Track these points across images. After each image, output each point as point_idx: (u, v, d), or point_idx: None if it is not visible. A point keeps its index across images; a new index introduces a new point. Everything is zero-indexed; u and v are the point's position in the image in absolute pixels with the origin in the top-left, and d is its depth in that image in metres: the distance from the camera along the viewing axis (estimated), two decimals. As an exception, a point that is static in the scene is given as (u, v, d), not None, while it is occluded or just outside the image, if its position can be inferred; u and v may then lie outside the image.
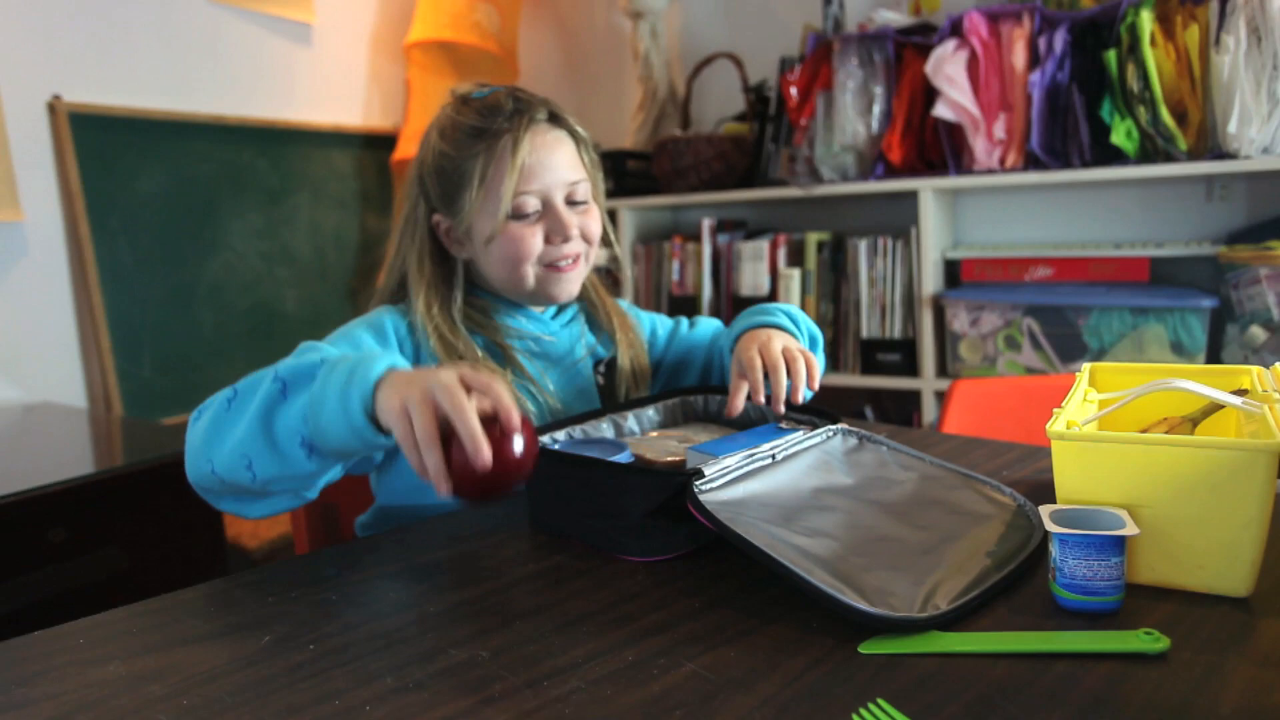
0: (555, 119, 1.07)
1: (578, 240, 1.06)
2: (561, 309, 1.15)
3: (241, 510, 0.86)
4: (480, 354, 1.04)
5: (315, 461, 0.78)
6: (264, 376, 0.81)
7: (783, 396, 0.93)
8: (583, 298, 1.18)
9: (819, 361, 1.06)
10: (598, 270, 1.26)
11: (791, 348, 0.96)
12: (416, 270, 1.06)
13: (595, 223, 1.08)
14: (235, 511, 0.87)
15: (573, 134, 1.08)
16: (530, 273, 1.05)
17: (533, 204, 1.03)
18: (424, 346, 1.03)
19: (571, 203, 1.06)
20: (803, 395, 0.95)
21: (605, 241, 1.15)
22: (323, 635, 0.68)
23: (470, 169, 1.02)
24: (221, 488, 0.83)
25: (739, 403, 0.96)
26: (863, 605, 0.62)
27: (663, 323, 1.25)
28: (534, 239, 1.03)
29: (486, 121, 1.03)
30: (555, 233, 1.04)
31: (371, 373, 0.75)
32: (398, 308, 1.07)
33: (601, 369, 1.14)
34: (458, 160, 1.03)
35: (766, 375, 0.95)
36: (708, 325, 1.24)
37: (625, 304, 1.23)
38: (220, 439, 0.80)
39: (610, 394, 1.14)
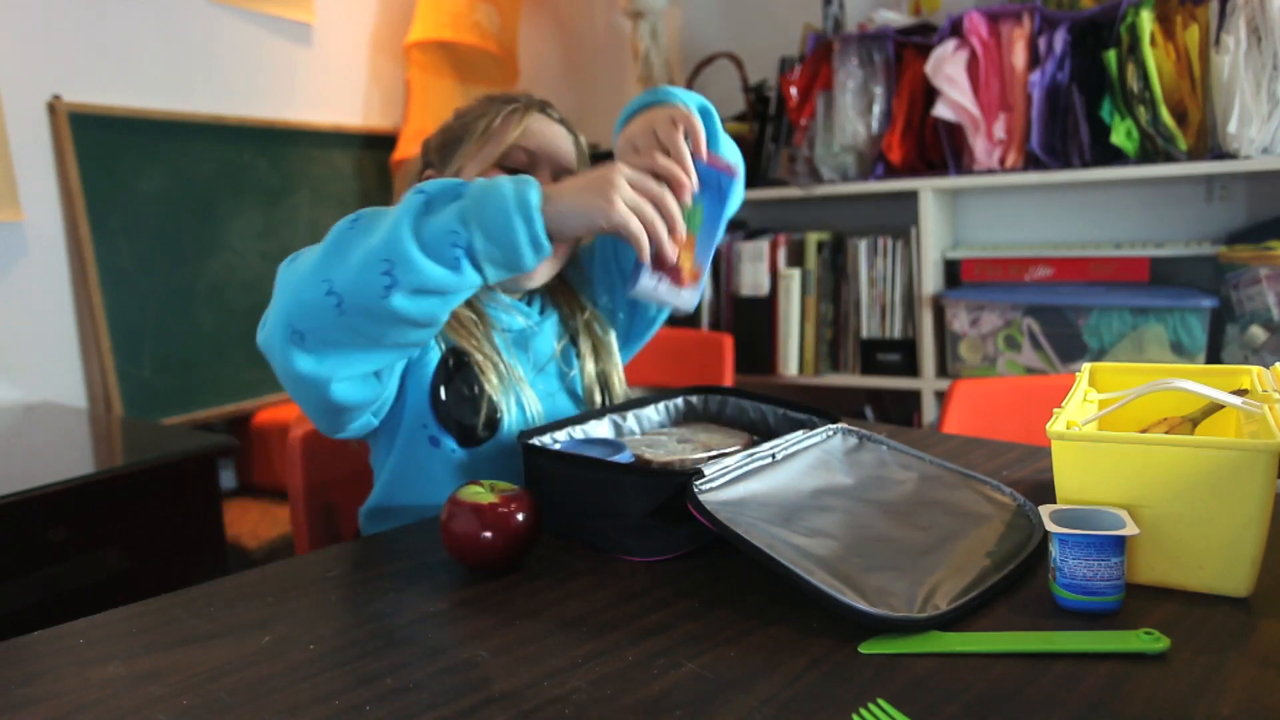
0: (565, 123, 1.12)
1: None
2: (545, 307, 1.14)
3: (322, 370, 0.83)
4: (463, 310, 1.04)
5: (463, 271, 0.79)
6: (381, 210, 0.81)
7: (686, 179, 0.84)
8: (551, 296, 1.15)
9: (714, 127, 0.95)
10: None
11: (658, 118, 0.85)
12: None
13: None
14: (311, 373, 0.83)
15: (576, 140, 1.12)
16: None
17: (523, 160, 1.05)
18: None
19: None
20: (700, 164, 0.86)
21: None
22: (323, 635, 0.68)
23: (476, 125, 1.07)
24: (327, 319, 0.79)
25: (645, 254, 0.83)
26: (862, 605, 0.62)
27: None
28: None
29: (502, 96, 1.10)
30: None
31: (534, 183, 0.80)
32: None
33: (561, 346, 1.12)
34: (465, 120, 1.08)
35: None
36: None
37: None
38: (346, 254, 0.79)
39: (578, 385, 1.12)
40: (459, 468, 1.00)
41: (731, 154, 1.01)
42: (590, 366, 1.12)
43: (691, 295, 0.82)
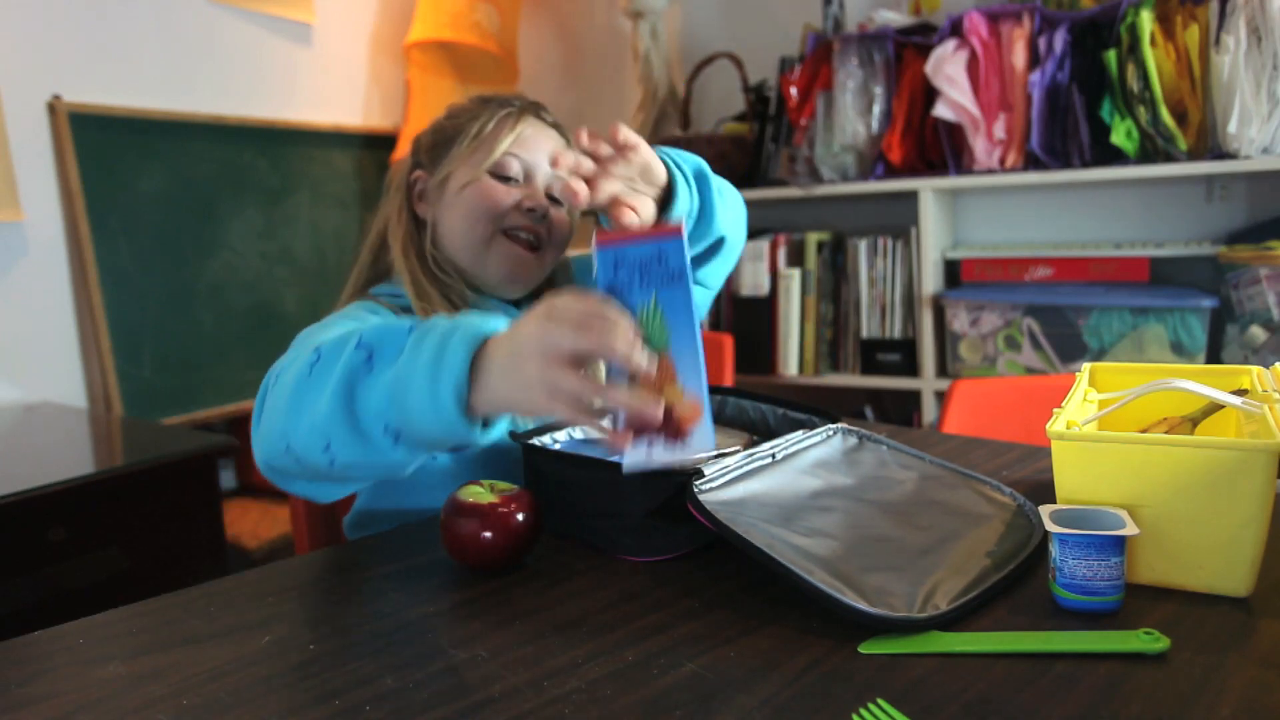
0: (559, 127, 1.11)
1: (542, 223, 1.05)
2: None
3: (316, 494, 0.84)
4: (448, 308, 1.04)
5: (402, 450, 0.70)
6: (348, 339, 0.72)
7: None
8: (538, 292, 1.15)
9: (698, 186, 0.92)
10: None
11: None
12: (396, 221, 1.10)
13: (562, 225, 1.09)
14: (309, 495, 0.85)
15: (570, 147, 1.10)
16: (489, 231, 1.03)
17: (515, 168, 1.05)
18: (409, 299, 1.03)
19: (550, 197, 1.08)
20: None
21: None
22: (323, 635, 0.68)
23: (469, 126, 1.06)
24: (297, 469, 0.76)
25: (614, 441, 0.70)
26: (863, 605, 0.62)
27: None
28: (507, 195, 1.03)
29: (496, 98, 1.09)
30: (529, 199, 1.04)
31: (465, 351, 0.66)
32: (367, 304, 1.05)
33: None
34: (458, 120, 1.08)
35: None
36: None
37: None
38: (299, 413, 0.72)
39: None
40: (440, 471, 0.99)
41: (731, 212, 1.00)
42: None
43: (701, 438, 0.59)
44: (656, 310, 0.56)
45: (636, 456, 0.55)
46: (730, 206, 1.01)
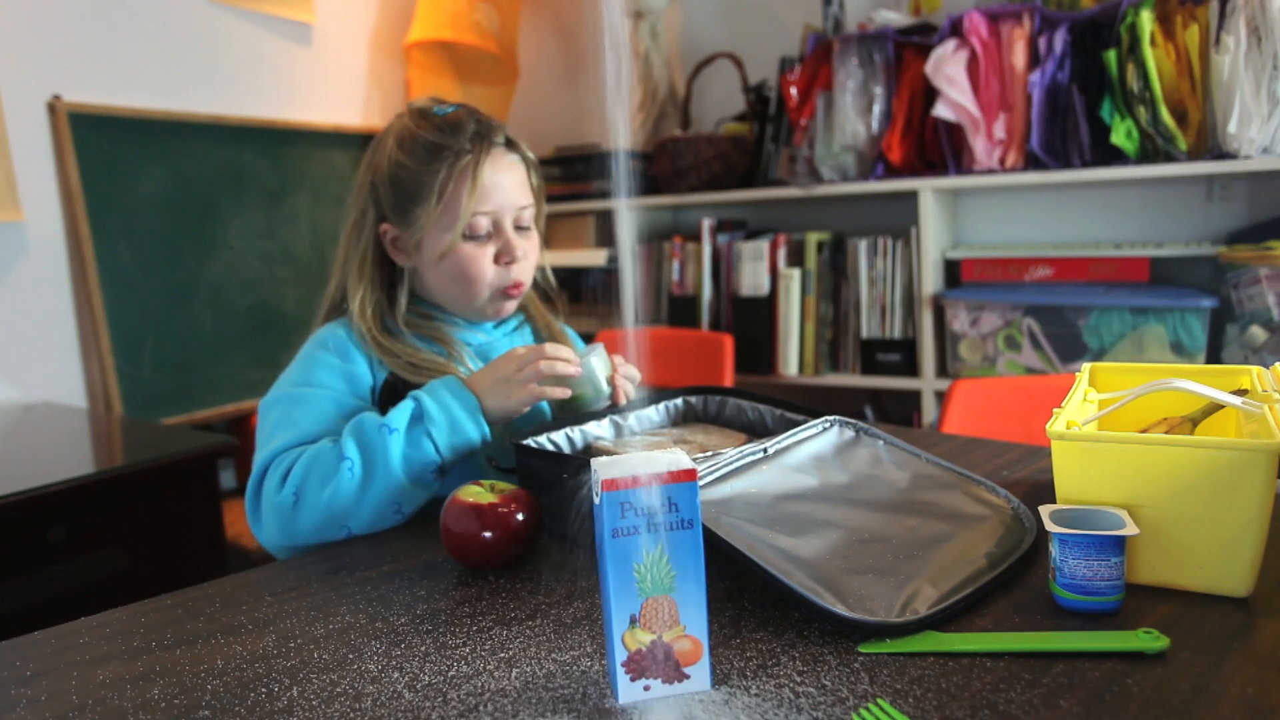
0: (511, 144, 1.10)
1: (520, 262, 1.10)
2: (520, 323, 1.20)
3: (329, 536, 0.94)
4: (420, 352, 1.06)
5: (436, 483, 0.95)
6: (371, 439, 0.92)
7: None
8: (524, 310, 1.21)
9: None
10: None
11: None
12: (357, 272, 1.09)
13: (535, 248, 1.13)
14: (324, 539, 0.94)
15: (524, 159, 1.11)
16: (484, 293, 1.08)
17: (485, 225, 1.06)
18: (370, 349, 1.05)
19: (518, 227, 1.10)
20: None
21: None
22: (323, 635, 0.68)
23: (430, 184, 1.04)
24: (336, 542, 0.92)
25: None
26: (840, 610, 0.62)
27: None
28: (485, 260, 1.07)
29: (449, 140, 1.05)
30: (504, 253, 1.08)
31: (469, 390, 0.96)
32: (341, 321, 1.08)
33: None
34: (417, 174, 1.05)
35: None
36: None
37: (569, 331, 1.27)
38: (359, 506, 0.91)
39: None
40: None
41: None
42: None
43: (699, 678, 0.58)
44: (663, 555, 0.57)
45: (632, 694, 0.57)
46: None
